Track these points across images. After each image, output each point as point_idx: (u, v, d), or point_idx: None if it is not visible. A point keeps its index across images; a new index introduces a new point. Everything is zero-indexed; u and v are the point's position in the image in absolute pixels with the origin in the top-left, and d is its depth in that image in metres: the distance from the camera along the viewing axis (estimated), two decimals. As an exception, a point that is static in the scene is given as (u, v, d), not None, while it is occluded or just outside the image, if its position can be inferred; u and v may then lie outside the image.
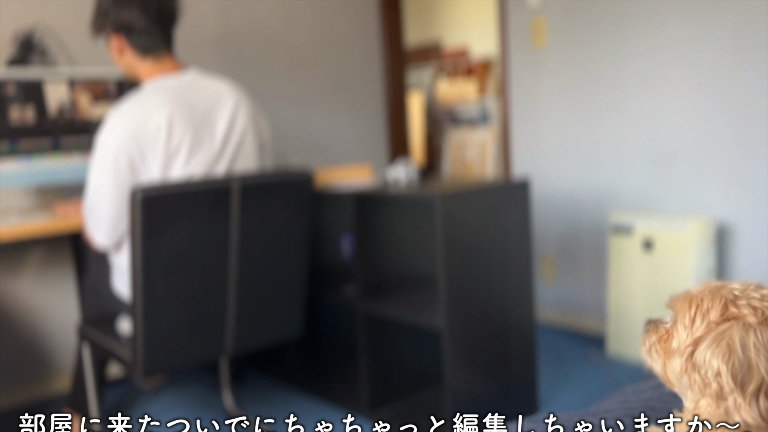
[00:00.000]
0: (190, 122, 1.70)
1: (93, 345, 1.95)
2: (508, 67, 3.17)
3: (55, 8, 2.50)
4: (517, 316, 2.09)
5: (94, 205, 1.72)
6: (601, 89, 2.82)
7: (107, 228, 1.72)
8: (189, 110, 1.71)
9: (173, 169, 1.70)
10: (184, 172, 1.71)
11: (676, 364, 0.70)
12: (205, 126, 1.74)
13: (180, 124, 1.67)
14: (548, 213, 3.10)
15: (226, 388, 2.34)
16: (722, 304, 0.68)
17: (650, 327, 0.77)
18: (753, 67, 2.37)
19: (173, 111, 1.67)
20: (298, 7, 3.23)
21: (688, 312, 0.69)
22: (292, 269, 1.94)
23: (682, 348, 0.69)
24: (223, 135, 1.78)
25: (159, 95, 1.69)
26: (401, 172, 2.25)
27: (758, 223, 2.43)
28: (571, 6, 2.87)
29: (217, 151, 1.77)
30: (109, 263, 1.92)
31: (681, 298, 0.73)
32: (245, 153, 1.85)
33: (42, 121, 2.23)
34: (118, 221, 1.72)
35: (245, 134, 1.84)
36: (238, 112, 1.83)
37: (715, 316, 0.68)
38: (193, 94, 1.75)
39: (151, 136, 1.64)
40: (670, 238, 2.46)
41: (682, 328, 0.70)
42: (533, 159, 3.13)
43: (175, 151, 1.67)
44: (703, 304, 0.69)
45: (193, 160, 1.71)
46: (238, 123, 1.82)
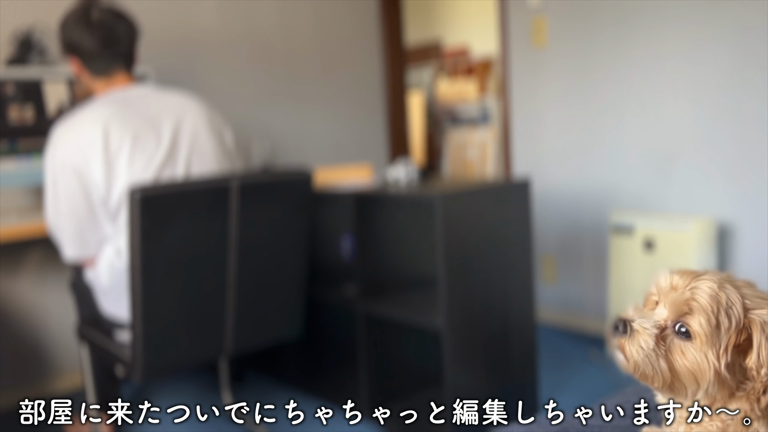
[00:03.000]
0: (128, 127, 1.69)
1: (92, 345, 1.94)
2: (509, 66, 3.16)
3: (54, 8, 2.49)
4: (517, 316, 2.08)
5: (54, 220, 1.74)
6: (602, 89, 2.81)
7: (72, 239, 1.74)
8: (129, 116, 1.71)
9: (116, 172, 1.68)
10: (128, 175, 1.69)
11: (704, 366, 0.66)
12: (150, 130, 1.72)
13: (118, 128, 1.67)
14: (549, 213, 3.09)
15: (225, 388, 2.34)
16: (741, 301, 0.66)
17: (624, 327, 0.70)
18: (754, 67, 2.36)
19: (110, 117, 1.68)
20: (298, 7, 3.23)
21: (715, 314, 0.66)
22: (291, 269, 1.93)
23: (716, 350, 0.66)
24: (170, 140, 1.75)
25: (99, 106, 1.72)
26: (401, 172, 2.24)
27: (759, 223, 2.42)
28: (571, 6, 2.86)
29: (164, 154, 1.74)
30: (90, 288, 1.92)
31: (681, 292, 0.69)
32: (202, 157, 1.83)
33: (41, 120, 2.23)
34: (81, 231, 1.72)
35: (198, 139, 1.82)
36: (189, 119, 1.81)
37: (740, 312, 0.66)
38: (138, 103, 1.76)
39: (90, 142, 1.66)
40: (671, 238, 2.45)
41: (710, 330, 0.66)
42: (534, 159, 3.13)
43: (116, 154, 1.67)
44: (723, 298, 0.66)
45: (136, 162, 1.69)
46: (188, 128, 1.80)
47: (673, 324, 0.69)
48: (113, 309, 1.83)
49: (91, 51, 1.75)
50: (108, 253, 1.77)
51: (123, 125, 1.69)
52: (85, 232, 1.73)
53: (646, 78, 2.66)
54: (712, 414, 0.68)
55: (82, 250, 1.76)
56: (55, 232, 1.77)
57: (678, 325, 0.68)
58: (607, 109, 2.81)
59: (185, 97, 1.88)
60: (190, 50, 2.89)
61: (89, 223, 1.72)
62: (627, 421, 0.92)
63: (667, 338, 0.69)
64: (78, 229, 1.72)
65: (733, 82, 2.42)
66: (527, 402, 2.15)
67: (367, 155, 3.56)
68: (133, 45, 1.83)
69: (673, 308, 0.69)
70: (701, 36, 2.48)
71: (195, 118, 1.83)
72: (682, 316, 0.68)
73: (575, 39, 2.87)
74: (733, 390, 0.67)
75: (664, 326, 0.69)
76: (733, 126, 2.44)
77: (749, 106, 2.39)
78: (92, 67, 1.79)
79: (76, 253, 1.77)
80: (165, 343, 1.72)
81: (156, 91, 1.85)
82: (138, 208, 1.56)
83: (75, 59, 1.80)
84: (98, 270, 1.81)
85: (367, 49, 3.54)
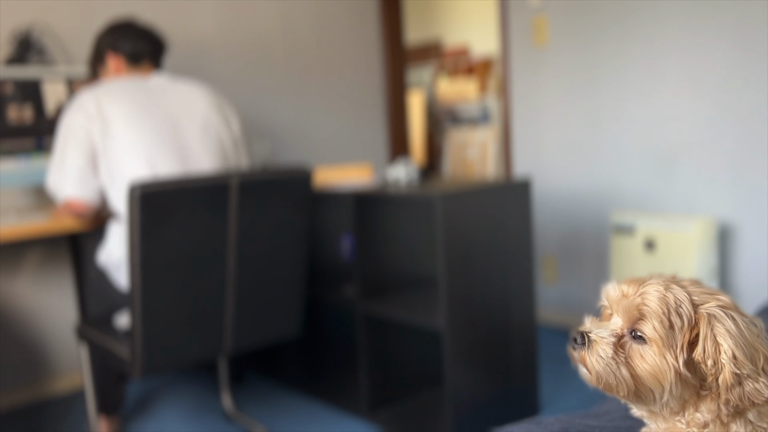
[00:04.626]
0: (128, 97, 1.86)
1: (91, 345, 1.94)
2: (509, 66, 3.15)
3: (54, 7, 2.49)
4: (518, 317, 2.08)
5: (58, 165, 1.86)
6: (603, 88, 2.81)
7: (73, 180, 1.85)
8: (131, 93, 1.88)
9: (112, 131, 1.83)
10: (124, 134, 1.83)
11: (664, 368, 0.67)
12: (156, 110, 1.89)
13: (116, 96, 1.85)
14: (550, 213, 3.09)
15: (225, 389, 2.33)
16: (688, 298, 0.68)
17: (582, 339, 0.71)
18: (755, 66, 2.35)
19: (113, 87, 1.88)
20: (298, 6, 3.22)
21: (667, 316, 0.67)
22: (290, 267, 1.93)
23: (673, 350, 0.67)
24: (177, 122, 1.91)
25: (110, 81, 1.92)
26: (401, 171, 2.24)
27: (760, 223, 2.42)
28: (572, 5, 2.85)
29: (169, 134, 1.89)
30: (105, 271, 2.00)
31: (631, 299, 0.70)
32: (208, 143, 1.96)
33: (40, 120, 2.22)
34: (82, 173, 1.84)
35: (206, 125, 1.96)
36: (198, 106, 1.97)
37: (689, 309, 0.67)
38: (152, 90, 1.93)
39: (88, 110, 1.84)
40: (672, 238, 2.45)
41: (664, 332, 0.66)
42: (534, 158, 3.12)
43: (111, 117, 1.83)
44: (671, 299, 0.68)
45: (131, 130, 1.83)
46: (197, 114, 1.96)
47: (629, 331, 0.70)
48: (125, 281, 1.92)
49: (139, 52, 2.00)
50: (116, 229, 1.90)
51: (122, 94, 1.86)
52: (86, 175, 1.85)
53: (647, 77, 2.66)
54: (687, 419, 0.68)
55: (80, 190, 1.86)
56: (57, 174, 1.87)
57: (633, 331, 0.69)
58: (608, 109, 2.80)
59: (195, 85, 2.04)
60: (190, 50, 2.88)
61: (90, 168, 1.85)
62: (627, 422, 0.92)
63: (625, 345, 0.70)
64: (80, 171, 1.84)
65: (735, 82, 2.42)
66: (527, 402, 2.14)
67: (367, 155, 3.56)
68: (164, 53, 2.09)
69: (625, 316, 0.70)
70: (702, 36, 2.47)
71: (204, 105, 1.99)
72: (635, 323, 0.69)
73: (576, 38, 2.87)
74: (697, 389, 0.68)
75: (620, 334, 0.70)
76: (735, 126, 2.44)
77: (751, 105, 2.39)
78: (131, 57, 2.00)
79: (74, 191, 1.86)
80: (164, 341, 1.72)
81: (170, 81, 2.01)
82: (137, 204, 1.56)
83: (118, 58, 1.99)
84: (109, 247, 1.92)
85: (367, 48, 3.53)
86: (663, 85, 2.61)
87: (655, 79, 2.63)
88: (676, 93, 2.58)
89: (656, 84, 2.63)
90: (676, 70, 2.56)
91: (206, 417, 2.29)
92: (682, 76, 2.55)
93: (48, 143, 2.23)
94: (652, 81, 2.64)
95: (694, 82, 2.52)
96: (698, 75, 2.51)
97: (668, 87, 2.60)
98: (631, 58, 2.69)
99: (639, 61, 2.67)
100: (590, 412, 0.99)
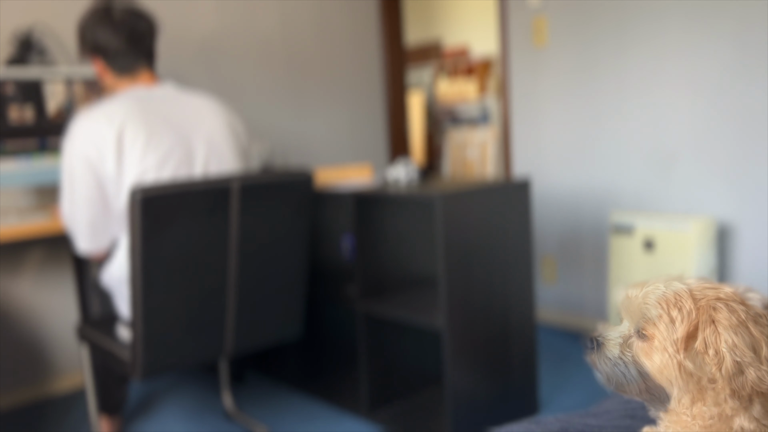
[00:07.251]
0: (144, 124, 1.69)
1: (92, 346, 1.95)
2: (509, 66, 3.16)
3: (54, 8, 2.50)
4: (517, 317, 2.08)
5: (69, 212, 1.74)
6: (602, 89, 2.81)
7: (86, 232, 1.74)
8: (147, 114, 1.71)
9: (126, 167, 1.69)
10: (140, 172, 1.69)
11: (668, 362, 0.69)
12: (167, 130, 1.73)
13: (133, 124, 1.68)
14: (549, 213, 3.09)
15: (225, 389, 2.34)
16: (689, 292, 0.70)
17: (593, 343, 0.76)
18: (754, 66, 2.36)
19: (127, 112, 1.69)
20: (297, 7, 3.23)
21: (666, 311, 0.70)
22: (291, 269, 1.93)
23: (674, 344, 0.68)
24: (188, 141, 1.77)
25: (119, 101, 1.72)
26: (401, 171, 2.24)
27: (759, 223, 2.42)
28: (572, 5, 2.86)
29: (181, 155, 1.75)
30: (106, 291, 1.93)
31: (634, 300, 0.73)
32: (219, 158, 1.84)
33: (41, 120, 2.23)
34: (95, 224, 1.73)
35: (216, 140, 1.84)
36: (208, 121, 1.83)
37: (689, 302, 0.69)
38: (158, 102, 1.77)
39: (104, 137, 1.67)
40: (671, 238, 2.45)
41: (664, 327, 0.69)
42: (534, 159, 3.13)
43: (129, 150, 1.68)
44: (670, 294, 0.70)
45: (149, 159, 1.69)
46: (207, 130, 1.82)
47: (635, 331, 0.73)
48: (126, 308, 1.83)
49: (116, 50, 1.76)
50: (121, 254, 1.79)
51: (139, 121, 1.69)
52: (98, 224, 1.73)
53: (646, 78, 2.66)
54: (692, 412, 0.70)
55: (95, 243, 1.77)
56: (70, 224, 1.77)
57: (638, 331, 0.72)
58: (607, 109, 2.81)
59: (205, 98, 1.90)
60: (190, 51, 2.88)
61: (103, 215, 1.72)
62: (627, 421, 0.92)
63: (632, 345, 0.73)
64: (92, 221, 1.73)
65: (734, 82, 2.42)
66: (527, 402, 2.15)
67: (367, 155, 3.56)
68: (153, 42, 1.84)
69: (631, 317, 0.73)
70: (701, 36, 2.48)
71: (214, 119, 1.85)
72: (640, 322, 0.72)
73: (575, 39, 2.87)
74: (704, 382, 0.69)
75: (628, 335, 0.74)
76: (734, 126, 2.44)
77: (749, 105, 2.39)
78: (116, 67, 1.80)
79: (89, 246, 1.77)
80: (165, 343, 1.72)
81: (177, 91, 1.86)
82: (139, 208, 1.56)
83: (98, 60, 1.80)
84: (112, 269, 1.81)
85: (367, 49, 3.54)
86: (662, 86, 2.62)
87: (654, 80, 2.64)
88: (675, 93, 2.59)
89: (655, 84, 2.64)
90: (676, 70, 2.57)
91: (207, 417, 2.30)
92: (681, 76, 2.56)
93: (49, 143, 2.24)
94: (652, 81, 2.65)
95: (693, 82, 2.53)
96: (697, 75, 2.52)
97: (667, 87, 2.61)
98: (630, 58, 2.69)
99: (638, 61, 2.67)
100: (589, 411, 1.00)
